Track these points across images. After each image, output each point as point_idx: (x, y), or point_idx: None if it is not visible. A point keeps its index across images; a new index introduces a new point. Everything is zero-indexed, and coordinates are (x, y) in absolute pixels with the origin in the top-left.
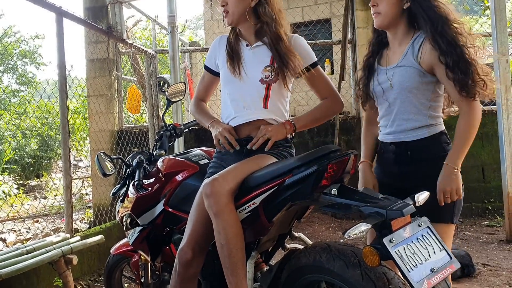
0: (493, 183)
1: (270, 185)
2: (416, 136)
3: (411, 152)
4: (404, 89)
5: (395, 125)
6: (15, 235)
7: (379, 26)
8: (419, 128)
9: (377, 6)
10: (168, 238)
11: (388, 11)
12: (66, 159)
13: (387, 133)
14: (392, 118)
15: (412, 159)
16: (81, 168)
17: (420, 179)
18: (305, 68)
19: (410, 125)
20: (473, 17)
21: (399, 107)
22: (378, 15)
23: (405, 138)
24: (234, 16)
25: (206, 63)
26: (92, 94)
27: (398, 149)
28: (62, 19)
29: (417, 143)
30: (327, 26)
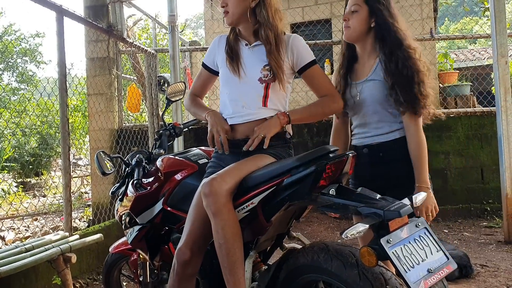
0: (492, 184)
1: (269, 185)
2: (388, 137)
3: (383, 153)
4: (375, 101)
5: (369, 132)
6: (14, 233)
7: (348, 39)
8: (390, 132)
9: (347, 21)
10: (166, 237)
11: (356, 27)
12: (66, 158)
13: (361, 138)
14: (366, 126)
15: (383, 160)
16: (80, 166)
17: (392, 179)
18: (303, 67)
19: (383, 130)
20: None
21: (372, 117)
22: (348, 28)
23: (377, 139)
24: (234, 16)
25: (204, 61)
26: (92, 93)
27: (370, 151)
28: (62, 18)
29: (389, 144)
30: (327, 26)
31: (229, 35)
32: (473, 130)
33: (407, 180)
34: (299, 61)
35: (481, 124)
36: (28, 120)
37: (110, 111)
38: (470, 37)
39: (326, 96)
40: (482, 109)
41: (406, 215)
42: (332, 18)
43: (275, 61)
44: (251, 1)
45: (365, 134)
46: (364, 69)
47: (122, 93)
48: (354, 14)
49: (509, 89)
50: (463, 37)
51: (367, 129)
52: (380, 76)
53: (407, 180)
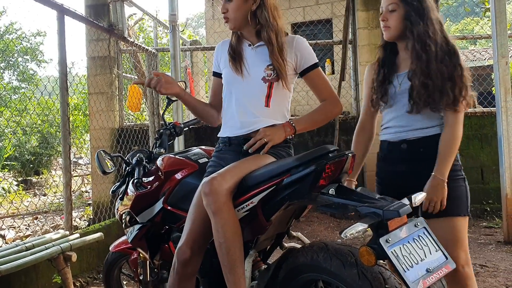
0: (492, 184)
1: (268, 185)
2: (428, 132)
3: (424, 149)
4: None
5: (408, 125)
6: (14, 232)
7: (389, 39)
8: (431, 127)
9: (386, 21)
10: (167, 236)
11: (396, 26)
12: (66, 157)
13: (398, 132)
14: (406, 119)
15: (424, 156)
16: (81, 165)
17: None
18: (305, 69)
19: (423, 124)
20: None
21: None
22: (388, 29)
23: (417, 134)
24: (236, 21)
25: (213, 69)
26: (93, 92)
27: (410, 147)
28: (63, 17)
29: (430, 139)
30: (328, 26)
31: (231, 38)
32: (473, 130)
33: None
34: (303, 63)
35: (481, 124)
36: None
37: (110, 110)
38: (471, 37)
39: (327, 101)
40: (482, 110)
41: (405, 214)
42: (333, 18)
43: (278, 61)
44: (251, 4)
45: (403, 128)
46: (406, 62)
47: (123, 92)
48: (392, 13)
49: (509, 90)
50: (464, 38)
51: (406, 122)
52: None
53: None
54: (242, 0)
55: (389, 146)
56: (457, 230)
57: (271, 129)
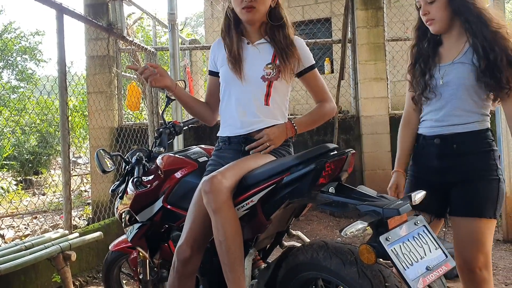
0: None
1: (268, 183)
2: (464, 128)
3: (457, 145)
4: (461, 85)
5: (445, 119)
6: (13, 231)
7: (437, 32)
8: (468, 124)
9: (428, 14)
10: (166, 235)
11: (441, 16)
12: (66, 156)
13: (432, 127)
14: (443, 113)
15: (457, 153)
16: (80, 165)
17: (464, 173)
18: (303, 70)
19: (460, 119)
20: None
21: (454, 103)
22: (433, 21)
23: (453, 129)
24: (260, 13)
25: (209, 68)
26: (92, 91)
27: (443, 142)
28: (62, 16)
29: (464, 136)
30: (327, 25)
31: (228, 33)
32: None
33: (482, 174)
34: (300, 64)
35: None
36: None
37: (110, 109)
38: None
39: (324, 103)
40: None
41: (405, 213)
42: (332, 17)
43: (287, 59)
44: (271, 1)
45: (440, 122)
46: (450, 52)
47: (122, 92)
48: (433, 4)
49: None
50: None
51: (443, 115)
52: (470, 59)
53: (482, 174)
54: None
55: (423, 141)
56: (479, 232)
57: (274, 132)
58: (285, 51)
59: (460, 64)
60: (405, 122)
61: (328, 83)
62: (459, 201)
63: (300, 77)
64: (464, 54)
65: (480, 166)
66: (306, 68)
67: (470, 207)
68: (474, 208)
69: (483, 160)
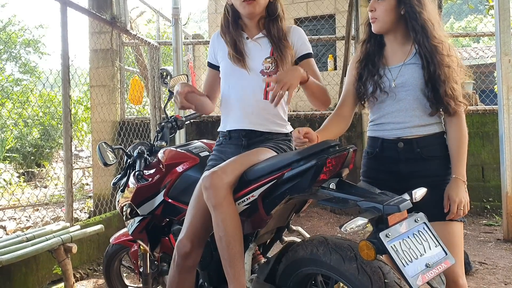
0: (493, 182)
1: (269, 178)
2: (426, 130)
3: (421, 149)
4: (416, 86)
5: (406, 121)
6: (15, 223)
7: (377, 31)
8: (429, 125)
9: (374, 11)
10: (167, 229)
11: (385, 17)
12: (68, 149)
13: (394, 129)
14: (403, 114)
15: (421, 157)
16: (82, 158)
17: (428, 178)
18: (299, 58)
19: (421, 121)
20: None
21: (413, 104)
22: (376, 20)
23: (415, 132)
24: (260, 6)
25: (208, 60)
26: (94, 84)
27: (407, 147)
28: (66, 9)
29: (427, 140)
30: (331, 22)
31: (227, 28)
32: (475, 128)
33: (446, 177)
34: (298, 51)
35: (483, 122)
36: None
37: (112, 103)
38: (474, 35)
39: None
40: (484, 107)
41: (405, 210)
42: (336, 13)
43: (282, 51)
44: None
45: (401, 124)
46: (396, 54)
47: (125, 85)
48: (380, 3)
49: (511, 88)
50: (467, 35)
51: (404, 117)
52: (420, 61)
53: (446, 177)
54: None
55: (383, 144)
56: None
57: (287, 73)
58: (281, 43)
59: (413, 65)
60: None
61: (331, 80)
62: (427, 206)
63: (297, 64)
64: (413, 55)
65: (443, 170)
66: (301, 56)
67: (440, 211)
68: (443, 213)
69: (446, 164)
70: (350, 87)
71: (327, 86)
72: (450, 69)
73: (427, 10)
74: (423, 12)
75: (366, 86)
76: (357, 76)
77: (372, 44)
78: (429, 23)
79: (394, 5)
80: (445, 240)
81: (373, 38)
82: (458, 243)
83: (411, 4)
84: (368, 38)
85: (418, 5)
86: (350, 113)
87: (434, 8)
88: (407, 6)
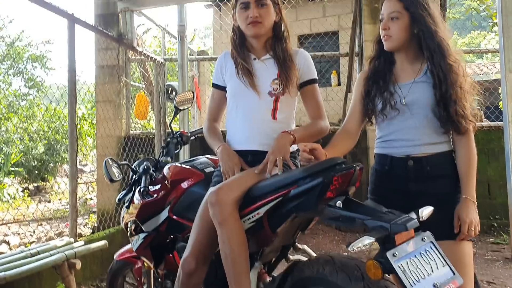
0: (499, 199)
1: (275, 196)
2: (436, 148)
3: (431, 168)
4: (427, 104)
5: (416, 138)
6: (19, 238)
7: (390, 49)
8: (439, 143)
9: (388, 30)
10: (171, 246)
11: (399, 35)
12: (73, 164)
13: (403, 146)
14: (413, 132)
15: (430, 176)
16: (86, 172)
17: (437, 197)
18: (303, 83)
19: (431, 139)
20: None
21: (423, 122)
22: (389, 38)
23: (425, 150)
24: (265, 27)
25: (214, 81)
26: (100, 100)
27: (416, 165)
28: (74, 26)
29: (437, 158)
30: (334, 39)
31: (236, 49)
32: (480, 145)
33: (456, 196)
34: (304, 75)
35: (488, 139)
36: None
37: (118, 118)
38: (478, 51)
39: (319, 120)
40: (490, 124)
41: (412, 228)
42: (340, 30)
43: (287, 73)
44: (276, 15)
45: (410, 142)
46: (407, 72)
47: (130, 101)
48: (394, 21)
49: None
50: (471, 52)
51: (413, 135)
52: (430, 79)
53: (456, 196)
54: (272, 9)
55: (392, 162)
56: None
57: (277, 147)
58: (286, 64)
59: (424, 83)
60: (343, 134)
61: (335, 96)
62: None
63: (300, 89)
64: (424, 73)
65: (452, 189)
66: (306, 81)
67: (449, 230)
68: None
69: (455, 183)
70: (357, 104)
71: (331, 101)
72: (462, 89)
73: (441, 29)
74: (438, 31)
75: (375, 102)
76: (365, 93)
77: (382, 61)
78: (445, 42)
79: (408, 24)
80: (455, 260)
81: (383, 55)
82: (467, 262)
83: (426, 23)
84: (377, 55)
85: (433, 24)
86: (357, 129)
87: (446, 27)
88: (422, 26)
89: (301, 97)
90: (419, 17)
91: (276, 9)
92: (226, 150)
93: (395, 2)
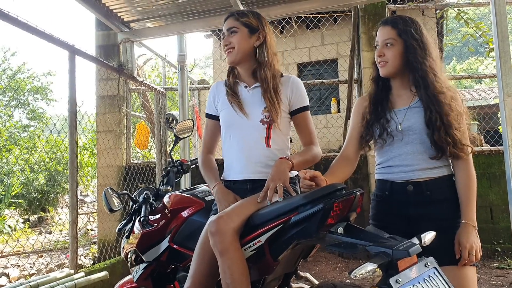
0: (502, 224)
1: (276, 223)
2: (435, 172)
3: (430, 192)
4: (422, 129)
5: (415, 163)
6: (19, 270)
7: (386, 75)
8: (438, 168)
9: (383, 56)
10: (172, 276)
11: (394, 62)
12: (73, 194)
13: (402, 172)
14: (411, 157)
15: (430, 200)
16: (87, 203)
17: (437, 221)
18: (295, 110)
19: (429, 164)
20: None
21: (420, 147)
22: (385, 64)
23: (424, 174)
24: (239, 54)
25: (207, 112)
26: (101, 130)
27: (416, 189)
28: (74, 57)
29: (436, 182)
30: (333, 66)
31: (228, 78)
32: (481, 169)
33: (456, 220)
34: (295, 103)
35: (489, 163)
36: (37, 157)
37: (118, 148)
38: (476, 77)
39: (312, 145)
40: (490, 148)
41: (415, 254)
42: (338, 58)
43: (271, 100)
44: (255, 40)
45: (410, 167)
46: (403, 98)
47: (131, 130)
48: (389, 48)
49: None
50: (469, 77)
51: (410, 161)
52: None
53: (456, 220)
54: (247, 34)
55: (392, 187)
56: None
57: (275, 173)
58: (270, 93)
59: (418, 109)
60: (342, 160)
61: (335, 122)
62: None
63: (292, 116)
64: (418, 100)
65: (453, 213)
66: (298, 108)
67: (452, 255)
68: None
69: (455, 207)
70: (355, 130)
71: (331, 128)
72: (449, 116)
73: (432, 57)
74: (425, 62)
75: (373, 128)
76: (363, 119)
77: (380, 86)
78: (431, 74)
79: (402, 51)
80: (459, 285)
81: (380, 80)
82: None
83: (415, 53)
84: (377, 76)
85: (422, 56)
86: (355, 155)
87: (437, 55)
88: (411, 56)
89: (294, 124)
90: (411, 46)
91: (256, 35)
92: (221, 190)
93: (389, 29)
